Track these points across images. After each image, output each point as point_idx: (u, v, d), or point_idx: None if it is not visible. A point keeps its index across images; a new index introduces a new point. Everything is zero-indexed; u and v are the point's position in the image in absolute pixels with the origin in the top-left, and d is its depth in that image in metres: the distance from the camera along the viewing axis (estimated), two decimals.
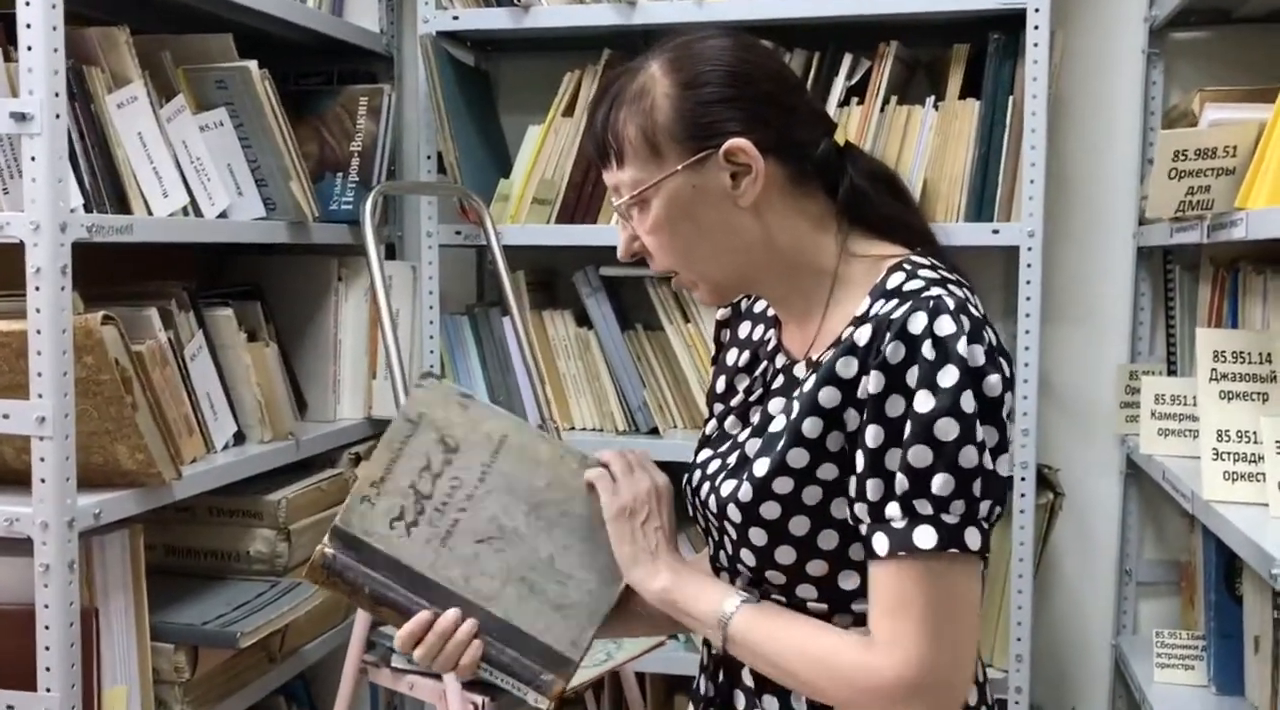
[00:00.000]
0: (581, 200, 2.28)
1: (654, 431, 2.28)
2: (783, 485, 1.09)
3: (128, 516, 1.72)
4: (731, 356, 1.28)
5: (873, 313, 1.09)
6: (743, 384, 1.24)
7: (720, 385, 1.27)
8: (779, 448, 1.10)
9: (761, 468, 1.10)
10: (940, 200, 2.14)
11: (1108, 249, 2.36)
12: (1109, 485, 2.37)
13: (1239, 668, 1.97)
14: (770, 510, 1.10)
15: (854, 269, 1.14)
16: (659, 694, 2.40)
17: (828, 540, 1.10)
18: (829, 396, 1.08)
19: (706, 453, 1.23)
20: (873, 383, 1.04)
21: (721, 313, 1.33)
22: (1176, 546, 2.36)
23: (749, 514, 1.11)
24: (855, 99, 2.18)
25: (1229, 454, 1.71)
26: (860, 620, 1.12)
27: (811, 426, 1.08)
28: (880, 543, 1.04)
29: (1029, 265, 2.08)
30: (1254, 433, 1.70)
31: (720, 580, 1.21)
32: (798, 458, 1.09)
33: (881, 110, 2.16)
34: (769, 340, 1.23)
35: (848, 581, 1.12)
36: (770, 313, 1.25)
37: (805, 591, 1.13)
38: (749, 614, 1.13)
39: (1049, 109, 2.07)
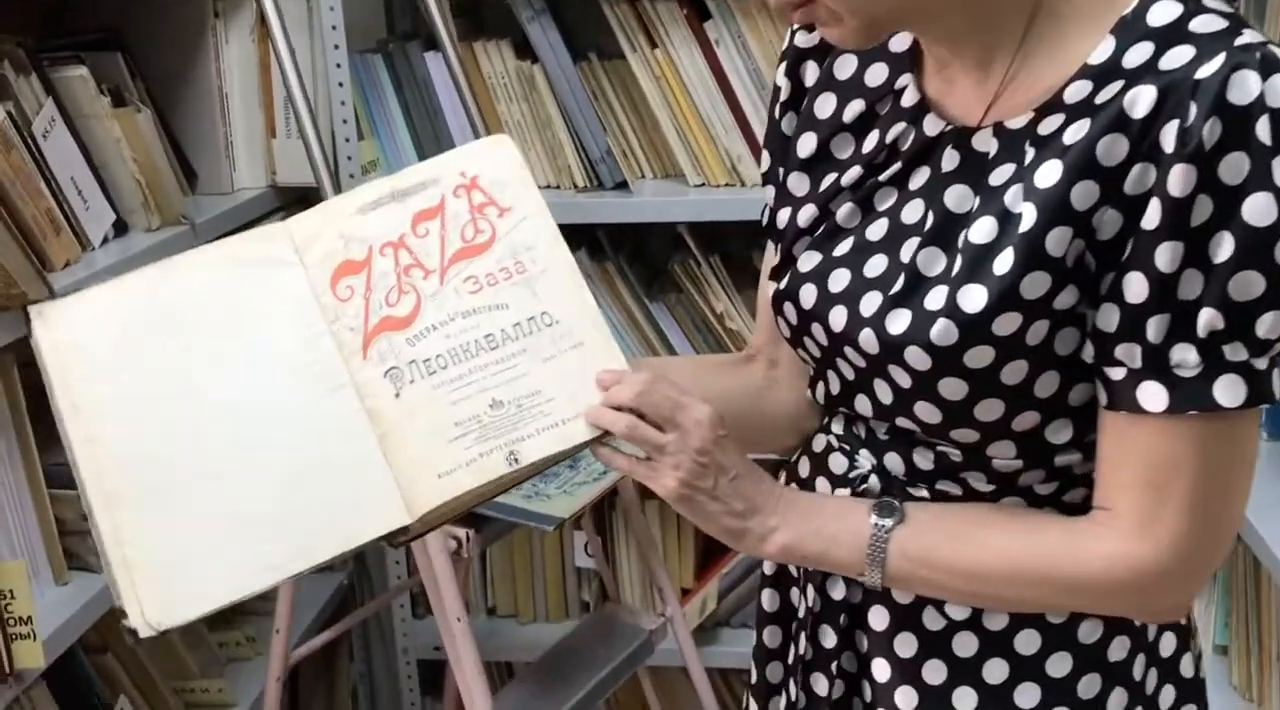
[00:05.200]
0: None
1: (622, 185, 1.95)
2: (1007, 324, 0.79)
3: None
4: (826, 106, 0.93)
5: (1132, 63, 0.76)
6: (847, 150, 0.90)
7: (808, 147, 0.93)
8: (1005, 271, 0.78)
9: (975, 300, 0.79)
10: None
11: None
12: None
13: None
14: (980, 356, 0.80)
15: None
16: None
17: (1046, 386, 0.82)
18: (1085, 193, 0.76)
19: (815, 257, 0.90)
20: (1177, 179, 0.73)
21: (803, 38, 0.95)
22: None
23: (946, 361, 0.81)
24: None
25: None
26: (1055, 475, 0.86)
27: (1058, 240, 0.77)
28: (1156, 397, 0.76)
29: None
30: None
31: (838, 497, 0.92)
32: (1035, 285, 0.78)
33: None
34: (902, 89, 0.89)
35: (1058, 434, 0.84)
36: (896, 47, 0.90)
37: (1000, 449, 0.85)
38: (907, 543, 0.85)
39: None
